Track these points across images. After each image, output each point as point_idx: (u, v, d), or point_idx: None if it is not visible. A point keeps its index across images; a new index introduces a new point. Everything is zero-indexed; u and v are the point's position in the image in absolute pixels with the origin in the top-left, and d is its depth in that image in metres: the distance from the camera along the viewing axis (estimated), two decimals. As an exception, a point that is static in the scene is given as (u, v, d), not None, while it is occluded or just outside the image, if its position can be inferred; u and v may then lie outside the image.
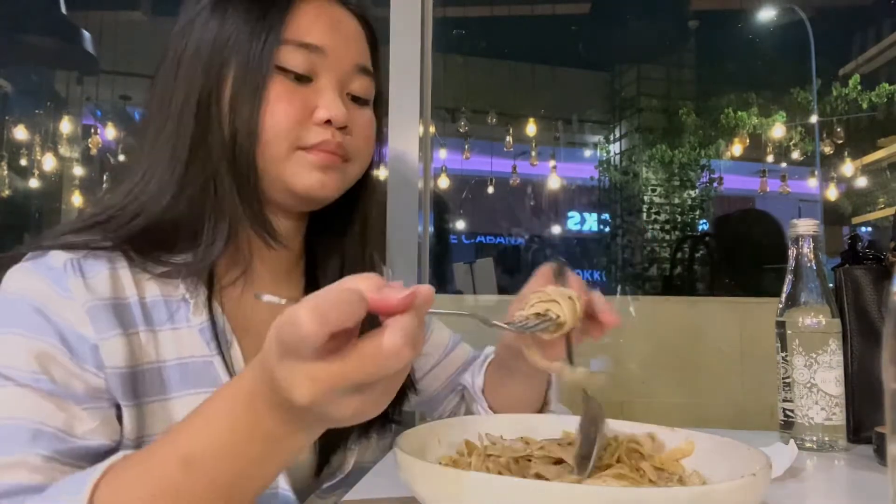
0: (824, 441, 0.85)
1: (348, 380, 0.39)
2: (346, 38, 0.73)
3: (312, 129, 0.69)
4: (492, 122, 6.42)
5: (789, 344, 0.87)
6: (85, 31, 4.85)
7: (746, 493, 0.46)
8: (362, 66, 0.74)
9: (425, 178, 1.59)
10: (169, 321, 0.66)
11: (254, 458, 0.45)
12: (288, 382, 0.40)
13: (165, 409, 0.64)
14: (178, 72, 0.70)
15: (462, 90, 6.38)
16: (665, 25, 5.51)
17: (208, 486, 0.45)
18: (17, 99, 6.11)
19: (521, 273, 7.38)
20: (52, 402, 0.57)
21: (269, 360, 0.41)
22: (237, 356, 0.69)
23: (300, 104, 0.69)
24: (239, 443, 0.44)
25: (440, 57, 2.37)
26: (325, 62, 0.70)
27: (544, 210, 7.81)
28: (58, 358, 0.58)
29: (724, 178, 6.99)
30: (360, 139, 0.74)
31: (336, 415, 0.41)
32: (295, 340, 0.38)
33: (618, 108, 7.65)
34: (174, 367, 0.65)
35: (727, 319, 1.82)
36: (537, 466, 0.57)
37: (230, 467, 0.45)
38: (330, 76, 0.71)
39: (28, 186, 6.11)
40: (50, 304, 0.60)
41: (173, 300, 0.67)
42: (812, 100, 6.49)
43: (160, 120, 0.70)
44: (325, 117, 0.69)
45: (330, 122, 0.69)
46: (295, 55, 0.68)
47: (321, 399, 0.40)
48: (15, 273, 0.63)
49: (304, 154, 0.69)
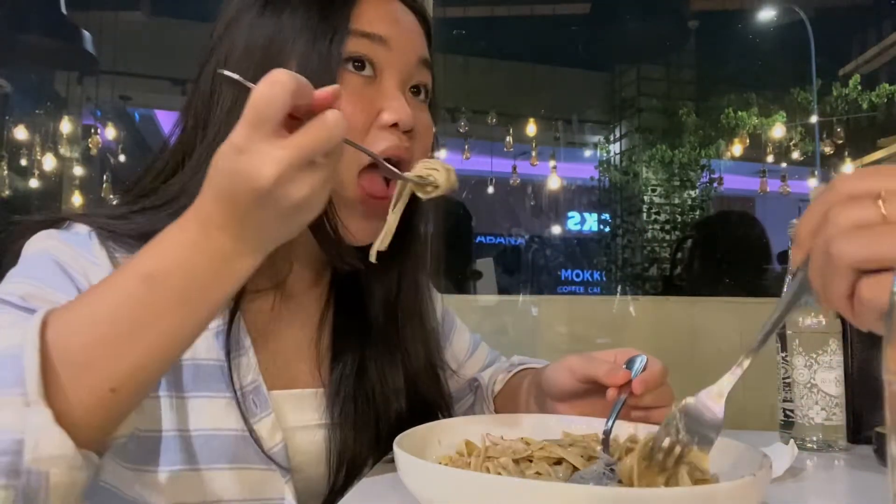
0: (824, 441, 0.85)
1: (304, 150, 0.46)
2: (409, 31, 0.71)
3: (377, 135, 0.66)
4: (492, 122, 6.42)
5: (789, 344, 0.87)
6: (85, 31, 4.85)
7: (746, 493, 0.46)
8: (424, 58, 0.72)
9: (425, 178, 1.59)
10: None
11: (206, 274, 0.49)
12: (252, 165, 0.46)
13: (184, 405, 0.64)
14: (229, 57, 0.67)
15: (462, 90, 6.37)
16: (665, 25, 5.52)
17: (166, 297, 0.49)
18: (17, 99, 6.10)
19: (521, 273, 7.39)
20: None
21: (225, 163, 0.47)
22: (250, 365, 0.67)
23: (367, 104, 0.67)
24: (194, 260, 0.49)
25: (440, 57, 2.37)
26: (389, 56, 0.68)
27: (544, 210, 7.81)
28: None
29: (725, 178, 6.98)
30: (420, 145, 0.71)
31: (294, 195, 0.47)
32: (264, 107, 0.45)
33: (618, 108, 7.64)
34: (189, 367, 0.65)
35: (727, 319, 1.82)
36: (537, 466, 0.57)
37: (185, 283, 0.49)
38: (393, 73, 0.68)
39: (28, 186, 6.11)
40: (75, 263, 0.60)
41: None
42: (812, 100, 6.48)
43: (205, 125, 0.67)
44: (393, 120, 0.66)
45: (396, 126, 0.67)
46: (361, 46, 0.66)
47: (284, 175, 0.46)
48: (40, 236, 0.63)
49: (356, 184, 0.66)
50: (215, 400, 0.65)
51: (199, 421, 0.64)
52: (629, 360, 0.69)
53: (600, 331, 1.93)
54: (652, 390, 0.66)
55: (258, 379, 0.67)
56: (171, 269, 0.49)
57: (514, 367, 0.89)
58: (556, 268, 7.79)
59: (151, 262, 0.49)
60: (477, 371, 0.93)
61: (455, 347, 0.93)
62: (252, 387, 0.67)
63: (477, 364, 0.93)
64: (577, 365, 0.71)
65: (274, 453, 0.65)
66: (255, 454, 0.65)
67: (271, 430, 0.66)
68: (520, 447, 0.60)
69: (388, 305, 0.77)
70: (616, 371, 0.67)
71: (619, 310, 1.96)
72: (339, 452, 0.70)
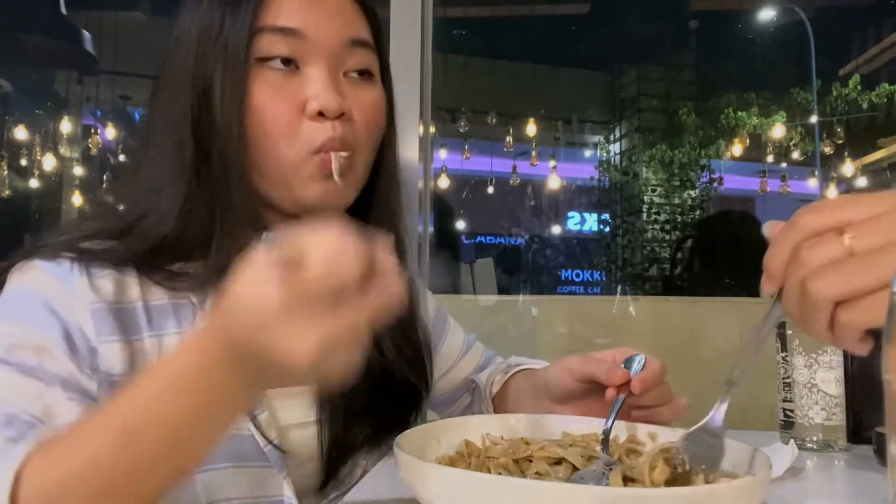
0: (824, 441, 0.85)
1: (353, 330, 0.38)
2: (329, 14, 0.66)
3: (311, 128, 0.64)
4: (492, 122, 6.43)
5: (789, 344, 0.87)
6: (85, 31, 4.84)
7: (746, 493, 0.46)
8: (354, 38, 0.67)
9: (425, 178, 1.59)
10: (175, 326, 0.65)
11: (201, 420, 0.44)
12: (289, 346, 0.38)
13: None
14: (171, 77, 0.67)
15: (462, 90, 6.38)
16: (665, 25, 5.52)
17: (147, 452, 0.44)
18: (17, 99, 6.12)
19: (521, 273, 7.40)
20: (34, 388, 0.55)
21: (253, 330, 0.39)
22: None
23: (290, 98, 0.64)
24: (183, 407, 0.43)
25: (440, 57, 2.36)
26: (307, 46, 0.64)
27: (544, 210, 7.82)
28: (54, 351, 0.57)
29: (724, 178, 6.99)
30: (360, 125, 0.67)
31: (327, 370, 0.39)
32: (318, 283, 0.37)
33: (618, 108, 7.66)
34: None
35: (727, 319, 1.82)
36: (537, 466, 0.57)
37: (170, 435, 0.44)
38: (316, 60, 0.65)
39: (28, 186, 6.11)
40: (60, 298, 0.60)
41: (181, 304, 0.65)
42: (812, 100, 6.49)
43: (161, 129, 0.67)
44: (316, 109, 0.63)
45: (323, 114, 0.64)
46: (273, 44, 0.63)
47: (322, 355, 0.38)
48: (23, 270, 0.62)
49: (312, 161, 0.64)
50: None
51: None
52: (627, 359, 0.69)
53: (600, 331, 1.93)
54: (651, 389, 0.66)
55: None
56: (155, 422, 0.43)
57: (512, 368, 0.88)
58: (556, 268, 7.80)
59: (131, 413, 0.44)
60: (471, 370, 0.92)
61: (448, 347, 0.92)
62: None
63: (471, 363, 0.93)
64: (575, 365, 0.71)
65: (269, 450, 0.66)
66: (253, 451, 0.65)
67: (266, 428, 0.66)
68: (520, 447, 0.60)
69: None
70: (615, 370, 0.67)
71: (619, 310, 1.96)
72: (328, 449, 0.70)
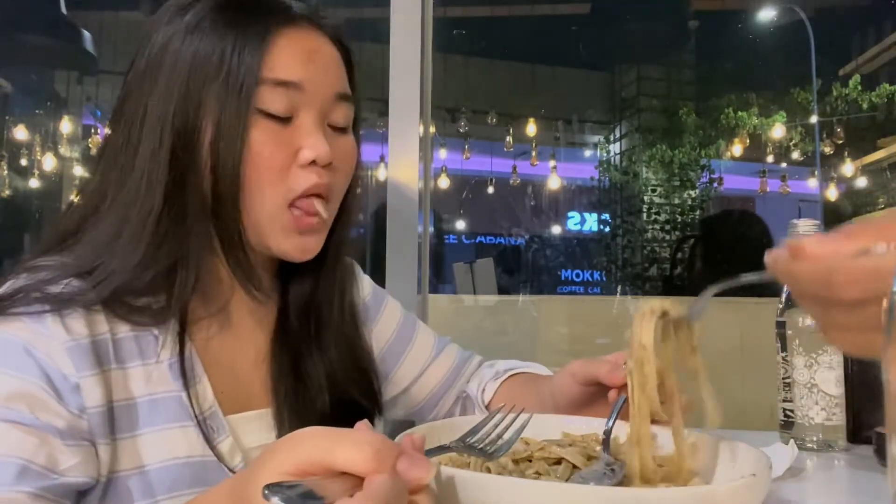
0: (824, 441, 0.85)
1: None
2: (325, 68, 0.70)
3: (298, 174, 0.67)
4: (492, 122, 6.43)
5: (789, 344, 0.87)
6: (85, 31, 4.85)
7: (746, 493, 0.46)
8: (341, 93, 0.71)
9: (425, 178, 1.59)
10: (139, 357, 0.65)
11: None
12: None
13: (135, 444, 0.63)
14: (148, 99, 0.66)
15: (462, 90, 6.38)
16: (665, 25, 5.51)
17: None
18: (17, 99, 6.11)
19: (521, 273, 7.39)
20: (37, 438, 0.56)
21: None
22: (206, 392, 0.67)
23: (285, 145, 0.67)
24: None
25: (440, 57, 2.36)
26: (303, 98, 0.68)
27: (544, 210, 7.81)
28: (42, 397, 0.57)
29: (724, 178, 6.99)
30: (341, 175, 0.72)
31: None
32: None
33: (618, 108, 7.66)
34: (144, 403, 0.64)
35: (727, 319, 1.82)
36: (537, 466, 0.57)
37: None
38: (310, 111, 0.68)
39: (28, 186, 6.11)
40: (36, 342, 0.59)
41: (143, 336, 0.65)
42: (812, 100, 6.49)
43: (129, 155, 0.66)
44: (311, 158, 0.67)
45: (315, 163, 0.67)
46: (274, 95, 0.66)
47: None
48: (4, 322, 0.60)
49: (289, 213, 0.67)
50: (171, 430, 0.64)
51: (154, 454, 0.63)
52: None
53: (600, 331, 1.93)
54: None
55: (214, 405, 0.68)
56: None
57: (501, 375, 0.87)
58: (556, 268, 7.79)
59: None
60: (445, 373, 0.91)
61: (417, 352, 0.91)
62: (209, 412, 0.67)
63: (444, 366, 0.91)
64: (577, 368, 0.72)
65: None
66: (217, 478, 0.64)
67: (230, 453, 0.66)
68: (520, 447, 0.60)
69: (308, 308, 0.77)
70: (617, 371, 0.67)
71: (619, 310, 1.96)
72: None
